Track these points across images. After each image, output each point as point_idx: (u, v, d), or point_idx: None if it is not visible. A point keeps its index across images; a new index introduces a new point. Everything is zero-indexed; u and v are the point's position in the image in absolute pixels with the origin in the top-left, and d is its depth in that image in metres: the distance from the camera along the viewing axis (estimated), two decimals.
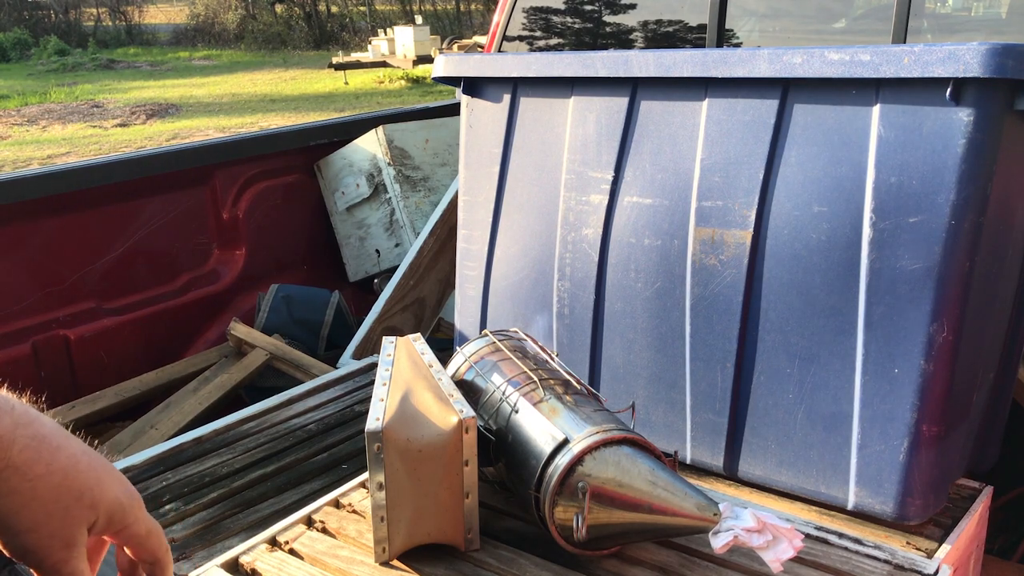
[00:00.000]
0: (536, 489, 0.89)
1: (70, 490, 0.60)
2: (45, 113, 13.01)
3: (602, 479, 0.86)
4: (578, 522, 0.85)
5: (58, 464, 0.58)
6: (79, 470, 0.60)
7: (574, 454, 0.87)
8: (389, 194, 2.82)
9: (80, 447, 0.61)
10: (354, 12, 26.27)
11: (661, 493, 0.85)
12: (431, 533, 0.96)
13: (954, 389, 1.00)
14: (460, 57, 1.38)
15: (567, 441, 0.88)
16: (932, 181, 0.94)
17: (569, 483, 0.87)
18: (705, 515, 0.84)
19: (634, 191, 1.18)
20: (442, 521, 0.95)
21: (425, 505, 0.94)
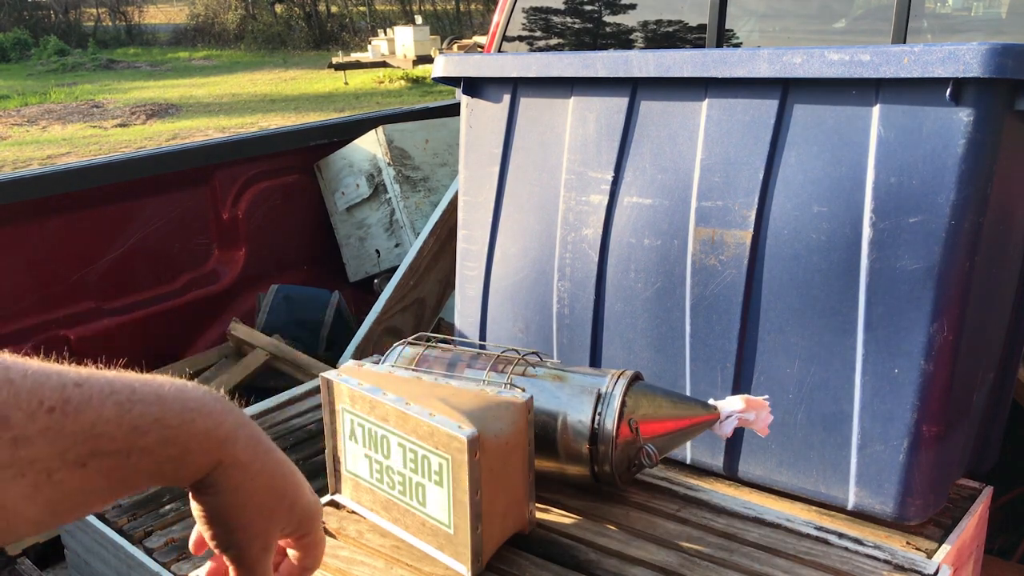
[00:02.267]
0: (592, 443, 0.99)
1: (276, 492, 0.63)
2: (45, 113, 13.01)
3: (640, 414, 1.00)
4: (650, 452, 0.99)
5: (269, 465, 0.62)
6: (283, 473, 0.63)
7: (619, 400, 0.99)
8: (389, 194, 2.82)
9: (281, 452, 0.64)
10: (354, 12, 26.27)
11: (678, 410, 1.02)
12: (508, 527, 0.96)
13: (954, 389, 1.00)
14: (460, 57, 1.38)
15: (601, 394, 1.00)
16: (932, 181, 0.94)
17: (623, 427, 1.00)
18: (710, 413, 1.01)
19: (634, 191, 1.18)
20: (520, 509, 0.97)
21: (509, 499, 0.95)
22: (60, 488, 0.49)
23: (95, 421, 0.50)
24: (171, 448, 0.55)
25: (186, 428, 0.56)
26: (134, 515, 1.42)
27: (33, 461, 0.47)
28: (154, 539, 1.36)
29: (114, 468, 0.52)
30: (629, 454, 1.00)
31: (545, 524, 1.02)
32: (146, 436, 0.53)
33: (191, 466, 0.57)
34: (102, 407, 0.51)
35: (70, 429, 0.49)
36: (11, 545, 1.82)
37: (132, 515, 1.42)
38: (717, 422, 1.00)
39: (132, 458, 0.52)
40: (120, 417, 0.52)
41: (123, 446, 0.52)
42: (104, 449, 0.51)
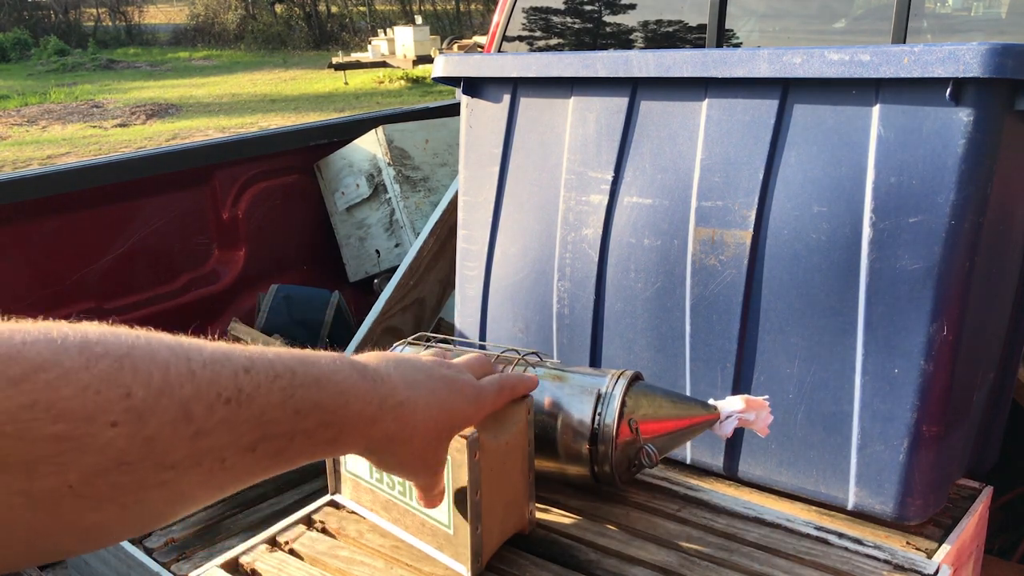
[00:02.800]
0: (592, 443, 0.99)
1: (431, 437, 0.71)
2: (45, 113, 13.01)
3: (640, 414, 0.99)
4: (650, 452, 0.98)
5: (418, 424, 0.69)
6: (437, 422, 0.71)
7: (619, 400, 0.98)
8: (389, 194, 2.82)
9: (427, 393, 0.71)
10: (354, 12, 26.28)
11: (678, 410, 1.01)
12: (507, 527, 0.96)
13: (954, 389, 1.00)
14: (460, 57, 1.38)
15: (601, 394, 0.99)
16: (932, 181, 0.94)
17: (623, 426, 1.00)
18: (710, 413, 1.00)
19: (634, 191, 1.18)
20: (520, 509, 0.97)
21: (509, 499, 0.94)
22: (231, 472, 0.51)
23: (264, 408, 0.52)
24: (329, 430, 0.59)
25: (341, 412, 0.59)
26: None
27: (210, 450, 0.49)
28: (154, 539, 1.36)
29: (280, 450, 0.55)
30: (629, 454, 1.00)
31: (545, 524, 1.02)
32: (307, 419, 0.56)
33: (344, 445, 0.63)
34: (269, 393, 0.53)
35: (243, 417, 0.51)
36: None
37: None
38: (717, 422, 1.00)
39: (295, 440, 0.56)
40: (284, 403, 0.54)
41: (287, 429, 0.54)
42: (271, 433, 0.53)
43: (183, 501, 0.49)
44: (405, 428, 0.68)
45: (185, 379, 0.47)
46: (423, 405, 0.70)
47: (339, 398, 0.59)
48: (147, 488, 0.45)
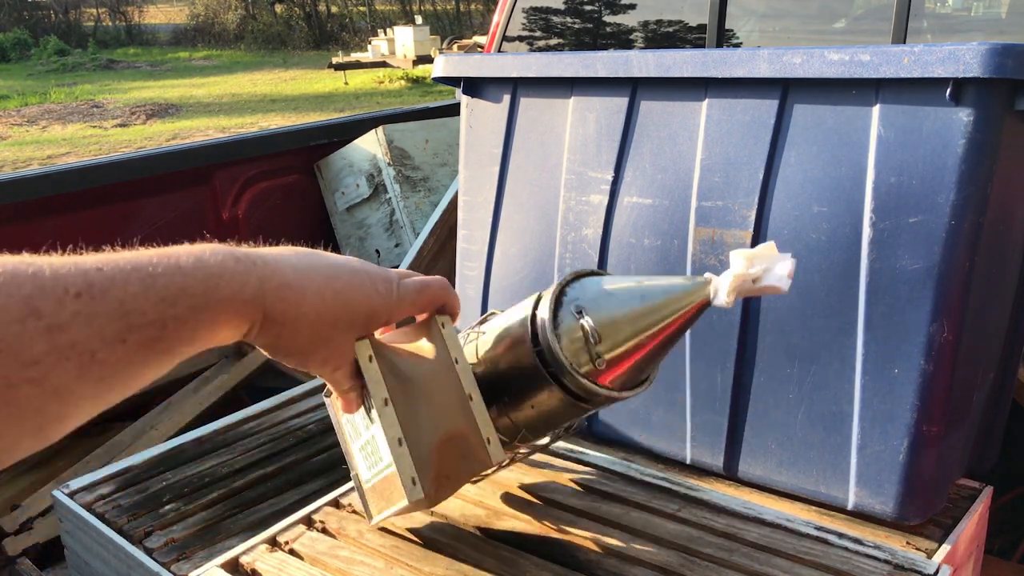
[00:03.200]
0: (535, 344, 0.84)
1: (324, 322, 0.69)
2: (45, 113, 13.01)
3: (589, 296, 0.83)
4: (588, 331, 0.81)
5: (306, 307, 0.68)
6: (326, 304, 0.69)
7: (556, 287, 0.85)
8: (389, 194, 2.82)
9: (322, 279, 0.70)
10: (354, 12, 26.28)
11: (648, 282, 0.84)
12: (460, 466, 0.85)
13: (954, 389, 1.00)
14: (460, 57, 1.38)
15: (540, 296, 0.86)
16: (932, 181, 0.94)
17: (561, 315, 0.84)
18: (696, 282, 0.82)
19: (634, 191, 1.18)
20: (473, 443, 0.84)
21: (450, 430, 0.84)
22: (106, 365, 0.53)
23: (123, 299, 0.53)
24: (203, 314, 0.59)
25: (212, 295, 0.59)
26: (134, 515, 1.42)
27: (73, 344, 0.50)
28: (154, 539, 1.36)
29: (153, 340, 0.55)
30: (587, 348, 0.82)
31: (545, 524, 1.02)
32: (175, 306, 0.56)
33: (227, 328, 0.62)
34: (126, 284, 0.54)
35: (101, 310, 0.52)
36: (10, 544, 1.82)
37: (132, 515, 1.41)
38: (714, 293, 0.81)
39: (168, 329, 0.56)
40: (146, 292, 0.55)
41: (156, 318, 0.55)
42: (138, 323, 0.54)
43: (67, 396, 0.51)
44: (290, 310, 0.66)
45: (25, 279, 0.49)
46: (314, 289, 0.68)
47: (208, 281, 0.59)
48: (17, 385, 0.48)
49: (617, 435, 1.24)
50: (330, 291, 0.70)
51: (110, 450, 2.12)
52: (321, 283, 0.69)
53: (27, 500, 1.96)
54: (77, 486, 1.49)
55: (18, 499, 1.99)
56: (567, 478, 1.15)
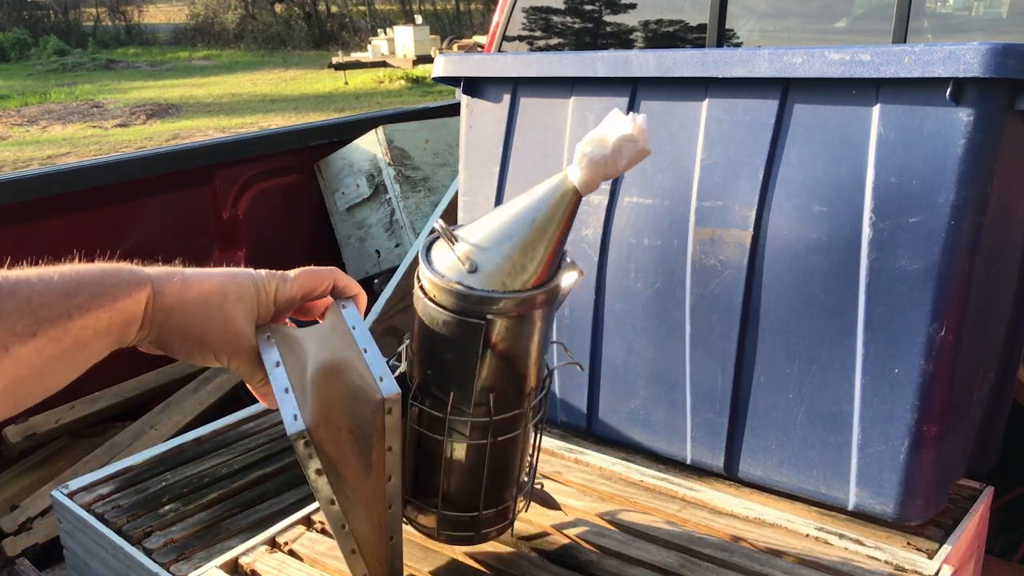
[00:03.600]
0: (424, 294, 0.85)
1: (213, 294, 0.75)
2: (45, 113, 13.01)
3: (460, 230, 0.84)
4: (441, 230, 0.82)
5: (192, 282, 0.74)
6: (213, 280, 0.76)
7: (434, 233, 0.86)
8: (389, 194, 2.82)
9: (210, 272, 0.77)
10: (354, 12, 26.27)
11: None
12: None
13: (954, 389, 1.00)
14: (460, 57, 1.38)
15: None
16: (932, 181, 0.94)
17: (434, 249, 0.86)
18: (556, 180, 0.81)
19: (634, 191, 1.18)
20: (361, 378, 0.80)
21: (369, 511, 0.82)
22: (19, 360, 0.57)
23: (29, 295, 0.59)
24: (103, 300, 0.64)
25: (107, 281, 0.65)
26: (134, 515, 1.42)
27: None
28: (153, 539, 1.36)
29: (63, 333, 0.61)
30: (458, 260, 0.81)
31: (545, 524, 1.02)
32: (77, 296, 0.62)
33: (128, 310, 0.67)
34: (30, 284, 0.60)
35: (11, 307, 0.58)
36: (10, 544, 1.82)
37: (132, 515, 1.41)
38: (574, 179, 0.79)
39: (75, 319, 0.61)
40: (49, 289, 0.61)
41: (62, 310, 0.60)
42: (47, 316, 0.59)
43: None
44: (184, 298, 0.72)
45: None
46: (203, 276, 0.75)
47: (106, 277, 0.65)
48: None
49: (617, 435, 1.24)
50: (217, 273, 0.76)
51: (110, 450, 2.12)
52: (207, 273, 0.76)
53: (27, 500, 1.96)
54: (76, 486, 1.49)
55: (18, 499, 1.99)
56: (567, 478, 1.15)
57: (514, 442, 0.89)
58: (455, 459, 0.88)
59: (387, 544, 0.83)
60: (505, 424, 0.87)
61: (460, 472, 0.89)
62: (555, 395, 1.30)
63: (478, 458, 0.88)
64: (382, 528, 0.82)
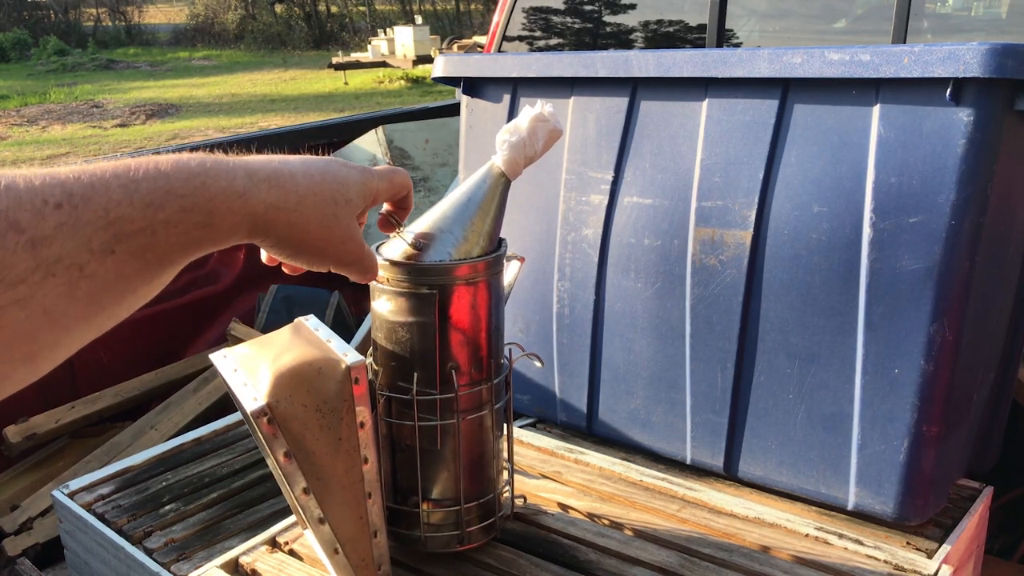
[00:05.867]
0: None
1: (324, 200, 0.66)
2: (45, 113, 13.01)
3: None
4: (386, 215, 0.87)
5: (302, 188, 0.65)
6: (318, 184, 0.66)
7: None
8: None
9: (301, 165, 0.67)
10: (354, 12, 26.28)
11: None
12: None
13: (954, 389, 1.00)
14: (460, 57, 1.38)
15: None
16: (932, 181, 0.94)
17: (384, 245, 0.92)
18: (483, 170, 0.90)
19: (634, 191, 1.18)
20: (320, 361, 0.82)
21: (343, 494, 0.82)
22: (96, 279, 0.49)
23: (107, 206, 0.50)
24: (194, 215, 0.55)
25: (200, 193, 0.56)
26: (134, 515, 1.42)
27: (59, 259, 0.47)
28: (154, 539, 1.36)
29: (145, 247, 0.52)
30: (405, 241, 0.90)
31: (545, 524, 1.02)
32: (163, 209, 0.53)
33: (224, 227, 0.58)
34: (108, 192, 0.51)
35: (85, 219, 0.49)
36: (10, 544, 1.82)
37: (132, 515, 1.41)
38: (500, 163, 0.90)
39: (159, 234, 0.53)
40: (130, 197, 0.51)
41: (144, 224, 0.52)
42: (126, 231, 0.51)
43: (59, 318, 0.48)
44: (288, 195, 0.63)
45: (1, 195, 0.46)
46: (301, 170, 0.66)
47: (193, 180, 0.56)
48: (3, 307, 0.45)
49: (617, 435, 1.24)
50: (316, 172, 0.67)
51: (110, 450, 2.12)
52: (301, 165, 0.67)
53: (27, 500, 1.96)
54: (77, 486, 1.49)
55: (18, 499, 1.99)
56: (567, 478, 1.15)
57: (483, 422, 0.92)
58: (428, 448, 0.90)
59: (371, 541, 0.83)
60: (471, 400, 0.91)
61: (435, 461, 0.91)
62: (555, 395, 1.30)
63: (451, 441, 0.90)
64: (363, 521, 0.82)
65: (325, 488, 0.80)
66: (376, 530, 0.83)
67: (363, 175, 0.72)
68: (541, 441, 1.26)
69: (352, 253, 0.70)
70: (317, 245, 0.67)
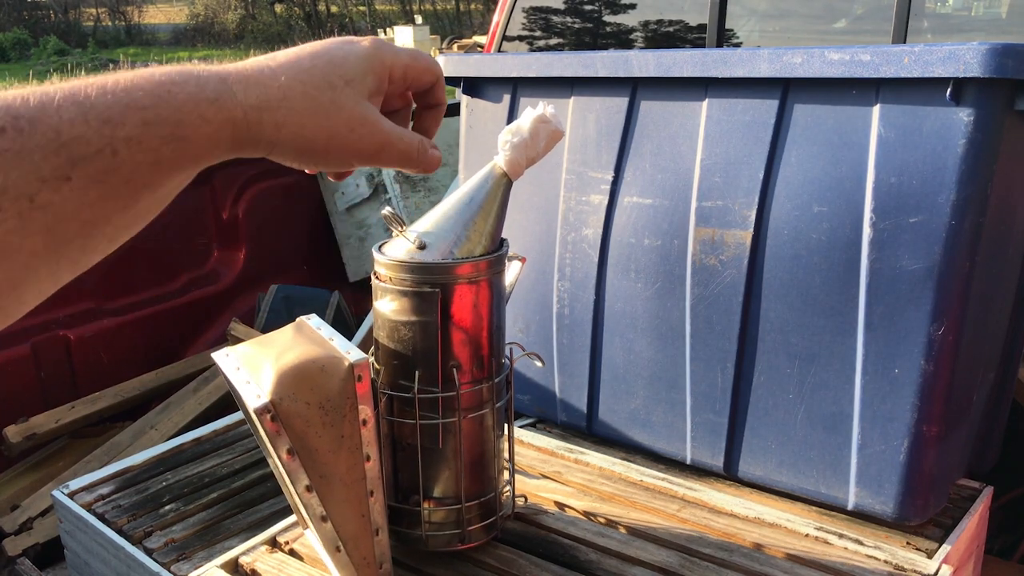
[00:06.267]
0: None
1: (317, 88, 0.57)
2: None
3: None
4: (390, 215, 0.88)
5: (287, 79, 0.55)
6: (308, 71, 0.57)
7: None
8: (389, 194, 2.82)
9: (291, 53, 0.58)
10: (354, 12, 26.27)
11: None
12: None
13: (954, 389, 1.00)
14: (460, 57, 1.38)
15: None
16: (932, 181, 0.94)
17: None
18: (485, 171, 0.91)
19: (634, 191, 1.18)
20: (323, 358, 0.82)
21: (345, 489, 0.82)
22: (52, 211, 0.44)
23: (57, 127, 0.44)
24: (160, 128, 0.49)
25: (165, 103, 0.49)
26: (134, 515, 1.42)
27: (4, 190, 0.42)
28: (154, 539, 1.36)
29: (106, 171, 0.46)
30: (408, 240, 0.89)
31: (545, 524, 1.02)
32: (124, 125, 0.47)
33: (199, 139, 0.51)
34: (59, 111, 0.45)
35: (33, 144, 0.43)
36: (10, 544, 1.82)
37: (132, 515, 1.42)
38: (503, 164, 0.90)
39: (121, 153, 0.47)
40: (85, 115, 0.46)
41: (103, 144, 0.46)
42: (82, 153, 0.45)
43: (14, 255, 0.43)
44: (269, 92, 0.54)
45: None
46: (287, 61, 0.56)
47: (157, 90, 0.48)
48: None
49: (617, 435, 1.24)
50: (306, 58, 0.58)
51: (110, 450, 2.12)
52: (291, 58, 0.57)
53: (27, 500, 1.96)
54: (77, 486, 1.49)
55: (18, 499, 1.99)
56: (567, 478, 1.15)
57: (484, 421, 0.92)
58: (429, 446, 0.90)
59: (372, 539, 0.83)
60: (472, 399, 0.91)
61: (436, 460, 0.91)
62: (555, 395, 1.31)
63: (452, 440, 0.90)
64: (365, 519, 0.82)
65: (327, 486, 0.80)
66: (378, 528, 0.83)
67: (372, 49, 0.61)
68: (541, 441, 1.26)
69: (373, 140, 0.60)
70: (320, 141, 0.57)
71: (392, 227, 0.89)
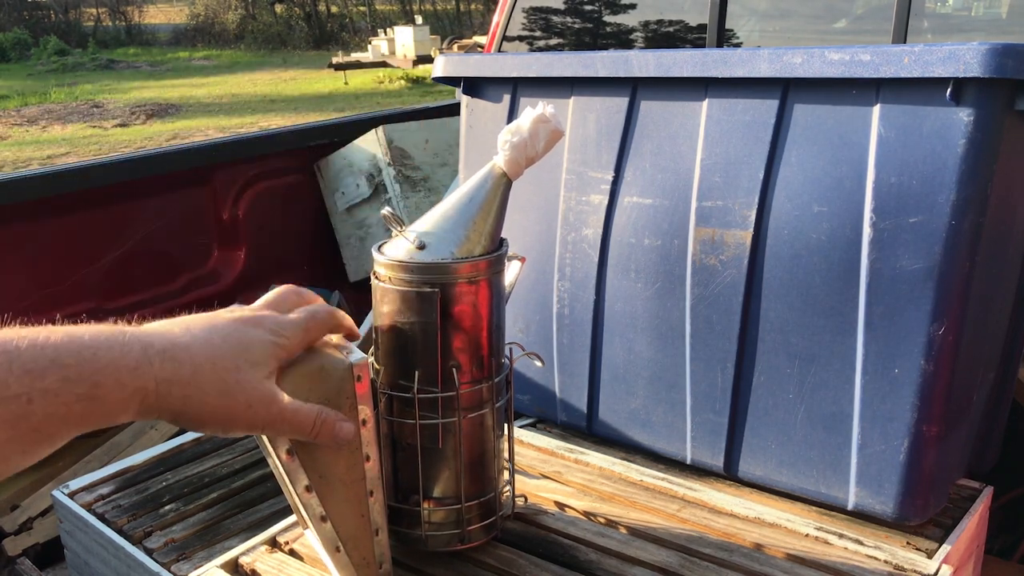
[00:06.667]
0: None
1: (224, 369, 0.64)
2: (45, 113, 13.01)
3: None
4: (389, 215, 0.89)
5: (199, 358, 0.62)
6: (218, 350, 0.64)
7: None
8: (389, 194, 2.82)
9: (205, 329, 0.66)
10: (354, 12, 26.28)
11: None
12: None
13: (954, 389, 1.00)
14: (460, 57, 1.38)
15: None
16: (932, 181, 0.94)
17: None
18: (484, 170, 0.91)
19: (634, 191, 1.18)
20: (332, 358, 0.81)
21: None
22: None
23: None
24: (76, 387, 0.53)
25: (87, 364, 0.54)
26: (134, 515, 1.42)
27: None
28: (154, 539, 1.36)
29: (18, 416, 0.50)
30: (406, 239, 0.89)
31: (545, 524, 1.02)
32: (44, 378, 0.51)
33: (112, 401, 0.55)
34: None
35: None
36: (10, 544, 1.82)
37: (132, 515, 1.42)
38: (503, 163, 0.90)
39: (35, 403, 0.51)
40: (9, 364, 0.50)
41: (20, 391, 0.50)
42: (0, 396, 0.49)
43: None
44: (182, 368, 0.60)
45: None
46: (201, 340, 0.63)
47: (82, 351, 0.54)
48: None
49: (617, 435, 1.24)
50: (217, 338, 0.65)
51: (110, 450, 2.12)
52: (204, 335, 0.64)
53: (27, 500, 1.96)
54: (77, 486, 1.49)
55: (18, 499, 1.99)
56: (567, 478, 1.15)
57: (483, 421, 0.92)
58: (429, 446, 0.90)
59: (372, 539, 0.83)
60: (472, 399, 0.91)
61: (436, 459, 0.91)
62: (555, 395, 1.31)
63: (452, 439, 0.90)
64: (365, 519, 0.82)
65: (327, 486, 0.80)
66: (378, 528, 0.84)
67: (272, 333, 0.69)
68: (541, 441, 1.26)
69: (265, 416, 0.67)
70: (219, 415, 0.63)
71: (392, 227, 0.89)
